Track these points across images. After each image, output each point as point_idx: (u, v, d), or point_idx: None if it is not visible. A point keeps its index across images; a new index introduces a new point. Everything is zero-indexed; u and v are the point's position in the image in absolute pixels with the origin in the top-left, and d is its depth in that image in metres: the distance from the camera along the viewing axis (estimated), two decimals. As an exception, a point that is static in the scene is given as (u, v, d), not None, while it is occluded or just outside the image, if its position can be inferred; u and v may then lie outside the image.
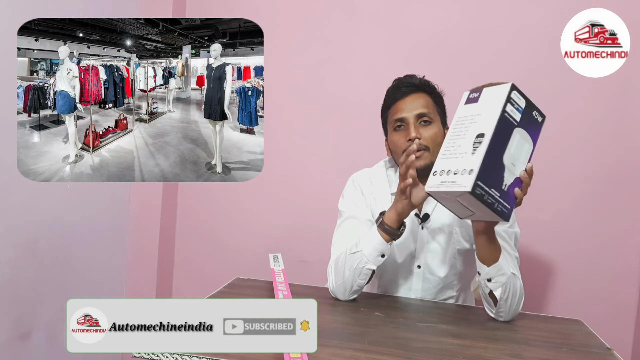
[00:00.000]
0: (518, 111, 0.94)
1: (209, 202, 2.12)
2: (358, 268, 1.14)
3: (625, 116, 1.76)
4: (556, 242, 1.82)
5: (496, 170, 0.92)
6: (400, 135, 1.22)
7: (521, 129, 0.94)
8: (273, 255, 1.31)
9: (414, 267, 1.29)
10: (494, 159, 0.90)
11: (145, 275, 2.06)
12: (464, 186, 0.88)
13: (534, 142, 0.98)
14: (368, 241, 1.14)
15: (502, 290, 1.07)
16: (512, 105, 0.93)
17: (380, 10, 1.93)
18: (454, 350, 0.89)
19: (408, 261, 1.29)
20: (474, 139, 0.91)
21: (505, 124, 0.92)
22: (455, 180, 0.90)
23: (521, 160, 0.96)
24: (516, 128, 0.93)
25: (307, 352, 0.77)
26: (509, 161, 0.93)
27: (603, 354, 0.93)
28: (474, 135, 0.91)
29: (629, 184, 1.77)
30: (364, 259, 1.13)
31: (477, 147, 0.89)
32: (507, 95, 0.92)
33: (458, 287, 1.32)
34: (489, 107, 0.93)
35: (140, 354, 0.82)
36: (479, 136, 0.90)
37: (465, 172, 0.89)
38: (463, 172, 0.89)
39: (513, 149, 0.94)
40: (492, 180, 0.91)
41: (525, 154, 0.97)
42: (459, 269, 1.29)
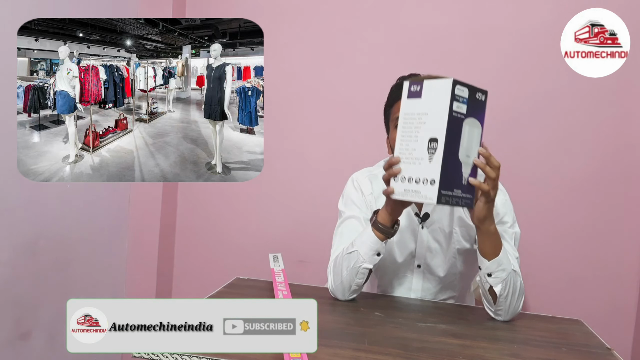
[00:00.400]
0: (464, 104, 0.93)
1: (209, 202, 2.12)
2: (355, 267, 1.14)
3: (625, 116, 1.76)
4: (556, 242, 1.82)
5: (455, 169, 0.94)
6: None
7: (469, 118, 0.94)
8: (273, 255, 1.31)
9: (414, 266, 1.29)
10: (450, 160, 0.92)
11: (145, 275, 2.06)
12: (430, 198, 0.91)
13: (482, 123, 0.98)
14: (363, 240, 1.14)
15: (502, 286, 1.07)
16: (457, 101, 0.92)
17: (381, 10, 1.93)
18: (454, 350, 0.89)
19: (408, 261, 1.29)
20: (427, 143, 0.92)
21: (455, 122, 0.92)
22: (419, 190, 0.93)
23: (474, 148, 0.97)
24: (464, 120, 0.93)
25: (307, 352, 0.77)
26: (464, 155, 0.95)
27: (603, 354, 0.93)
28: (427, 139, 0.92)
29: (629, 184, 1.77)
30: (360, 258, 1.13)
31: (433, 154, 0.91)
32: (451, 93, 0.91)
33: (458, 287, 1.32)
34: (434, 105, 0.93)
35: (140, 354, 0.82)
36: (432, 141, 0.91)
37: (427, 181, 0.92)
38: (425, 182, 0.92)
39: (465, 142, 0.94)
40: (453, 181, 0.94)
41: (476, 140, 0.97)
42: (459, 269, 1.29)
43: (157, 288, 2.07)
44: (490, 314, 1.13)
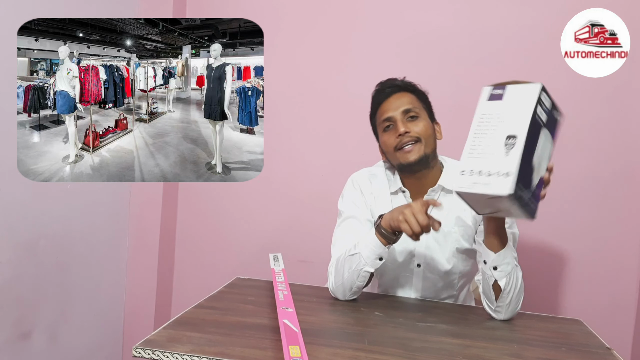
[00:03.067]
0: (545, 112, 0.94)
1: (209, 202, 2.12)
2: (356, 270, 1.14)
3: (625, 116, 1.76)
4: (556, 242, 1.82)
5: (527, 171, 0.91)
6: (390, 134, 1.26)
7: (545, 130, 0.95)
8: (273, 255, 1.31)
9: (414, 266, 1.30)
10: (526, 160, 0.90)
11: (145, 275, 2.06)
12: (503, 189, 0.87)
13: (554, 140, 0.99)
14: (366, 244, 1.14)
15: (506, 280, 1.07)
16: (541, 106, 0.92)
17: (381, 10, 1.93)
18: (454, 350, 0.89)
19: (408, 260, 1.29)
20: (505, 140, 0.90)
21: (535, 125, 0.91)
22: (490, 182, 0.89)
23: (545, 161, 0.97)
24: (542, 129, 0.93)
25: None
26: (537, 162, 0.93)
27: (603, 354, 0.93)
28: (504, 136, 0.90)
29: (629, 184, 1.77)
30: (362, 261, 1.13)
31: (511, 149, 0.89)
32: (538, 96, 0.91)
33: (458, 286, 1.33)
34: (517, 107, 0.92)
35: (140, 354, 0.82)
36: (510, 137, 0.90)
37: (501, 174, 0.88)
38: (498, 174, 0.88)
39: (540, 150, 0.93)
40: (525, 181, 0.91)
41: (547, 154, 0.97)
42: (459, 268, 1.29)
43: (157, 288, 2.07)
44: (489, 312, 1.13)
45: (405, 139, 1.22)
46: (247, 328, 0.95)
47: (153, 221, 2.05)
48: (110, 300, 2.02)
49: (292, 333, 0.85)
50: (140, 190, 2.08)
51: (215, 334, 0.91)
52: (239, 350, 0.83)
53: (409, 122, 1.24)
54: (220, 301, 1.15)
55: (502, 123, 0.92)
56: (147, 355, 0.81)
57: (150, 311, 2.06)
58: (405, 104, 1.25)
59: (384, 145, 1.28)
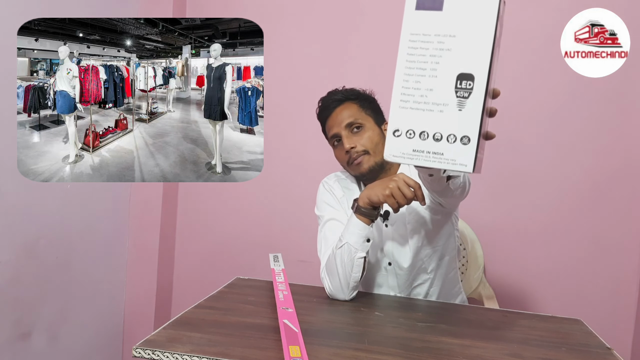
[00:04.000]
0: (500, 22, 0.67)
1: (209, 202, 2.12)
2: (349, 260, 1.14)
3: (625, 116, 1.76)
4: (556, 242, 1.82)
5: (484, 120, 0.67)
6: (339, 150, 1.29)
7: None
8: (273, 255, 1.31)
9: (386, 264, 1.31)
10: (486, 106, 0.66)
11: (145, 275, 2.06)
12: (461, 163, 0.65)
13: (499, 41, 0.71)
14: (351, 231, 1.14)
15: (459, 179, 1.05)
16: (499, 19, 0.66)
17: (380, 10, 1.93)
18: (454, 350, 0.89)
19: (380, 260, 1.31)
20: (456, 81, 0.65)
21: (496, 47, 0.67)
22: (442, 151, 0.65)
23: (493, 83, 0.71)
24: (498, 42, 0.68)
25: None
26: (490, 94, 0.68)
27: (603, 354, 0.93)
28: (454, 76, 0.65)
29: (629, 184, 1.77)
30: (352, 248, 1.13)
31: (466, 99, 0.64)
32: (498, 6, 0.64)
33: (430, 268, 1.30)
34: (468, 22, 0.65)
35: (140, 354, 0.82)
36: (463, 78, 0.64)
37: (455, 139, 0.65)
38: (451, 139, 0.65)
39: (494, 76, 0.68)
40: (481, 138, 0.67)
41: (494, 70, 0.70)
42: (425, 252, 1.28)
43: (157, 288, 2.07)
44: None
45: (353, 155, 1.24)
46: (247, 328, 0.95)
47: (153, 221, 2.05)
48: (110, 300, 2.02)
49: (292, 333, 0.85)
50: (140, 190, 2.08)
51: (216, 334, 0.91)
52: (239, 350, 0.83)
53: (354, 135, 1.25)
54: (220, 301, 1.15)
55: (448, 52, 0.65)
56: (147, 356, 0.81)
57: (150, 311, 2.06)
58: (347, 117, 1.26)
59: (337, 159, 1.32)
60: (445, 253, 1.31)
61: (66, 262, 1.74)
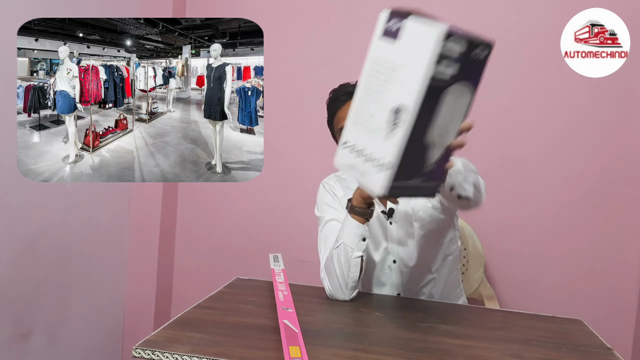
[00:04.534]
0: (454, 64, 0.68)
1: (209, 202, 2.12)
2: (346, 260, 1.14)
3: (625, 116, 1.76)
4: (556, 242, 1.82)
5: (418, 154, 0.72)
6: None
7: (457, 84, 0.71)
8: (273, 255, 1.31)
9: (390, 263, 1.30)
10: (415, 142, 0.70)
11: (145, 275, 2.06)
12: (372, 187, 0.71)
13: (476, 87, 0.75)
14: (345, 230, 1.14)
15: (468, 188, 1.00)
16: (445, 59, 0.67)
17: (380, 9, 1.93)
18: (454, 350, 0.89)
19: (384, 258, 1.30)
20: (391, 111, 0.69)
21: (433, 92, 0.68)
22: (365, 171, 0.72)
23: (454, 124, 0.75)
24: (449, 89, 0.70)
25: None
26: (437, 135, 0.73)
27: (603, 354, 0.93)
28: (390, 106, 0.69)
29: (629, 184, 1.77)
30: (348, 248, 1.13)
31: (394, 130, 0.68)
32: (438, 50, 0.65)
33: (434, 267, 1.30)
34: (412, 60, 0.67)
35: (140, 354, 0.82)
36: (397, 111, 0.68)
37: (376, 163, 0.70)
38: (374, 162, 0.70)
39: (441, 117, 0.71)
40: (412, 168, 0.73)
41: (460, 113, 0.75)
42: (430, 250, 1.28)
43: (157, 288, 2.07)
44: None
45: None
46: (247, 328, 0.95)
47: (153, 221, 2.05)
48: (110, 300, 2.02)
49: (292, 333, 0.85)
50: (140, 190, 2.08)
51: (216, 335, 0.91)
52: (239, 350, 0.83)
53: None
54: (220, 301, 1.15)
55: (394, 84, 0.69)
56: (147, 356, 0.81)
57: (150, 311, 2.06)
58: None
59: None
60: (448, 253, 1.32)
61: (66, 262, 1.74)
